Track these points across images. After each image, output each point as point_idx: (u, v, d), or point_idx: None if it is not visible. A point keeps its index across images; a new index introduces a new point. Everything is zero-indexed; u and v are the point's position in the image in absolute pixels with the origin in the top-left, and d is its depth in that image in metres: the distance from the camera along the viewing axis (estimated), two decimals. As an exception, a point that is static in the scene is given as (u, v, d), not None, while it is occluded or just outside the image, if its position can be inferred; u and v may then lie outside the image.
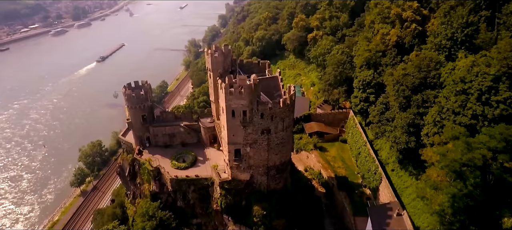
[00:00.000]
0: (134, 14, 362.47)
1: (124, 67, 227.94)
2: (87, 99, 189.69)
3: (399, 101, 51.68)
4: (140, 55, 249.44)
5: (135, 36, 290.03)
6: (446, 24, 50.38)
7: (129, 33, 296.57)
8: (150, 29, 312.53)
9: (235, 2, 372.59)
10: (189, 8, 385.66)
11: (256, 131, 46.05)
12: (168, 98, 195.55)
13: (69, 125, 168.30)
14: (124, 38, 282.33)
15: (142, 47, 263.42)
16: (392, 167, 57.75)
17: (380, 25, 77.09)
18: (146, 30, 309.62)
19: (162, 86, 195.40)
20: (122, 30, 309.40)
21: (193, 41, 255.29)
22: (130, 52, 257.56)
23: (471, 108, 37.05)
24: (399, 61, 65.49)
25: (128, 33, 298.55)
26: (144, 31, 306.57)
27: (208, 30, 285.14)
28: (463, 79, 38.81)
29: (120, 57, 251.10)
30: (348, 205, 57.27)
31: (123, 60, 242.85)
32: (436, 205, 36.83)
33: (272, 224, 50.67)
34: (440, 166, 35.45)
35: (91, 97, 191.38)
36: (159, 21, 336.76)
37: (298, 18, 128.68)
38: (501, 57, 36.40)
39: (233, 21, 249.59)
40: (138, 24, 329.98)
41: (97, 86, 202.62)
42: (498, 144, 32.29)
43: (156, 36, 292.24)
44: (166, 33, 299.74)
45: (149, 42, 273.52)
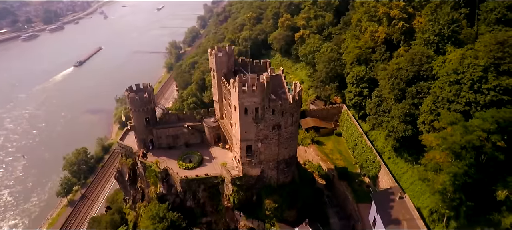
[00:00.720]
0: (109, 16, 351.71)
1: (103, 71, 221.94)
2: (67, 106, 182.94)
3: (394, 94, 55.79)
4: (119, 58, 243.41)
5: (112, 39, 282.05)
6: (434, 21, 55.11)
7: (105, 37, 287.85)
8: (127, 31, 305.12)
9: (213, 3, 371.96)
10: (166, 9, 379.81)
11: (268, 126, 48.20)
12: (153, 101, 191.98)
13: (50, 134, 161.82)
14: (100, 41, 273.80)
15: (121, 51, 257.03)
16: (388, 155, 61.95)
17: (367, 23, 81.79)
18: (123, 32, 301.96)
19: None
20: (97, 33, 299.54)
21: (173, 43, 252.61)
22: (108, 56, 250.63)
23: (464, 97, 41.42)
24: (388, 57, 70.21)
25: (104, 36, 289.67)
26: (121, 33, 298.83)
27: (188, 32, 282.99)
28: (455, 71, 43.18)
29: (98, 61, 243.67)
30: (350, 193, 60.76)
31: (102, 64, 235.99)
32: (438, 184, 40.76)
33: (283, 216, 53.08)
34: (441, 148, 39.40)
35: (71, 104, 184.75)
36: (136, 23, 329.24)
37: (284, 18, 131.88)
38: (487, 50, 41.02)
39: (214, 22, 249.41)
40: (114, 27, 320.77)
41: (76, 92, 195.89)
42: (491, 126, 36.60)
43: (134, 38, 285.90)
44: (145, 36, 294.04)
45: (127, 45, 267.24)
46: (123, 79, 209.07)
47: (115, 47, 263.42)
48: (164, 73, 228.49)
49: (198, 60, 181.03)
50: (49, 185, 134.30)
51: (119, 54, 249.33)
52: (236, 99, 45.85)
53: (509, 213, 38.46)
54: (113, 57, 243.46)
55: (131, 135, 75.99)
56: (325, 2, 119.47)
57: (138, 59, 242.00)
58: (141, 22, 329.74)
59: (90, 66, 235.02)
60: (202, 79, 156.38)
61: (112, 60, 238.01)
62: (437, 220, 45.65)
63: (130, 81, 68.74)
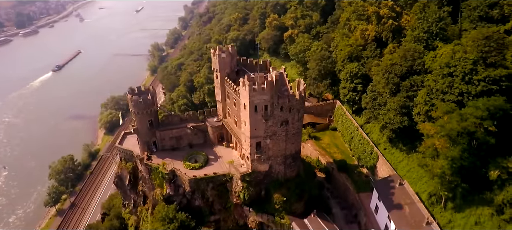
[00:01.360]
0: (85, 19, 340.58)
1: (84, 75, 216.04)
2: (47, 113, 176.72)
3: (389, 88, 59.49)
4: (99, 62, 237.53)
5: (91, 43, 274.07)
6: (422, 19, 59.34)
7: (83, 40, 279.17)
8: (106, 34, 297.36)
9: (194, 3, 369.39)
10: (145, 11, 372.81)
11: (276, 123, 50.22)
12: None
13: (31, 142, 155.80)
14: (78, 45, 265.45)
15: (100, 54, 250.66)
16: (384, 146, 65.74)
17: (356, 22, 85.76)
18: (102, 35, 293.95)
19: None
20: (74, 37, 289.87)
21: (156, 45, 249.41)
22: (88, 60, 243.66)
23: (457, 88, 45.38)
24: (379, 54, 74.27)
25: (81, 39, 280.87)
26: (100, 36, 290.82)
27: (170, 33, 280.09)
28: (448, 64, 47.13)
29: (78, 66, 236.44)
30: (351, 184, 63.97)
31: (82, 68, 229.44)
32: (437, 169, 44.45)
33: (292, 209, 55.32)
34: (440, 135, 43.07)
35: (52, 110, 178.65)
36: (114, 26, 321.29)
37: (271, 18, 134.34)
38: (475, 45, 45.20)
39: (197, 23, 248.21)
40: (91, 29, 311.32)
41: (57, 98, 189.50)
42: (483, 113, 40.58)
43: (113, 41, 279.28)
44: (125, 38, 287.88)
45: (107, 48, 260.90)
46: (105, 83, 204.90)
47: (94, 50, 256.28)
48: (147, 76, 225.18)
49: (185, 62, 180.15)
50: (35, 195, 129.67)
51: (99, 57, 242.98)
52: (246, 97, 47.48)
53: (500, 191, 42.66)
54: (93, 61, 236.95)
55: (129, 139, 75.67)
56: (312, 2, 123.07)
57: (119, 62, 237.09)
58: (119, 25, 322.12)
59: (69, 70, 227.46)
60: (190, 80, 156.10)
61: (92, 64, 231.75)
62: (435, 202, 49.55)
63: (112, 85, 67.96)
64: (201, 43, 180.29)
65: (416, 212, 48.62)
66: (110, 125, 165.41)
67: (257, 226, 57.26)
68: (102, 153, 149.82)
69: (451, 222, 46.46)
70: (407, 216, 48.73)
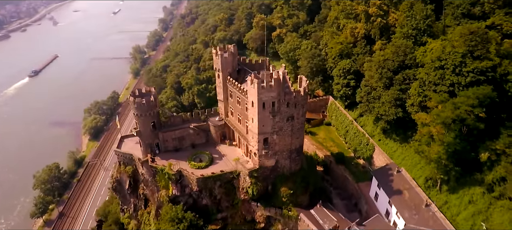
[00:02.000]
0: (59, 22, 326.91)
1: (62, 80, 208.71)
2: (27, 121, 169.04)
3: (383, 82, 63.24)
4: (78, 66, 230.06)
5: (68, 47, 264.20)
6: (410, 17, 63.54)
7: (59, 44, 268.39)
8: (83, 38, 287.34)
9: (173, 4, 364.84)
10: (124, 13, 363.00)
11: (283, 118, 52.21)
12: (122, 109, 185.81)
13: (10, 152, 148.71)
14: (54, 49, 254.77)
15: (79, 58, 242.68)
16: (378, 137, 69.57)
17: (345, 20, 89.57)
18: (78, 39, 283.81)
19: (113, 97, 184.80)
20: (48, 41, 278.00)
21: (137, 48, 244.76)
22: (66, 64, 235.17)
23: (448, 79, 49.44)
24: (369, 50, 78.24)
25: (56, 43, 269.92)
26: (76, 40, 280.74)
27: (151, 35, 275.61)
28: (439, 58, 51.19)
29: (55, 70, 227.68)
30: (349, 175, 67.27)
31: (60, 73, 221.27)
32: (433, 154, 48.32)
33: (298, 201, 57.55)
34: (435, 123, 46.88)
35: (31, 118, 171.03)
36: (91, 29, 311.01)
37: (258, 18, 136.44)
38: (463, 40, 49.44)
39: (179, 24, 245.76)
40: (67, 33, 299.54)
41: (36, 105, 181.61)
42: (473, 101, 44.68)
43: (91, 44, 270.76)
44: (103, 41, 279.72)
45: (85, 52, 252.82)
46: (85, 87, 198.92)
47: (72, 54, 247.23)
48: (130, 79, 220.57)
49: (170, 64, 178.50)
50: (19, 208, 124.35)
51: (78, 62, 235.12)
52: (255, 95, 49.08)
53: (489, 171, 47.11)
54: (71, 66, 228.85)
55: (127, 142, 75.09)
56: (298, 2, 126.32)
57: (99, 66, 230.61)
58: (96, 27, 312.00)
59: (46, 76, 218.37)
60: (177, 82, 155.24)
61: (71, 69, 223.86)
62: (431, 186, 53.60)
63: (94, 89, 66.16)
64: (186, 44, 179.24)
65: (415, 196, 52.39)
66: (94, 131, 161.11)
67: (265, 220, 59.02)
68: (88, 160, 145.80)
69: (447, 203, 50.55)
70: (407, 200, 52.42)
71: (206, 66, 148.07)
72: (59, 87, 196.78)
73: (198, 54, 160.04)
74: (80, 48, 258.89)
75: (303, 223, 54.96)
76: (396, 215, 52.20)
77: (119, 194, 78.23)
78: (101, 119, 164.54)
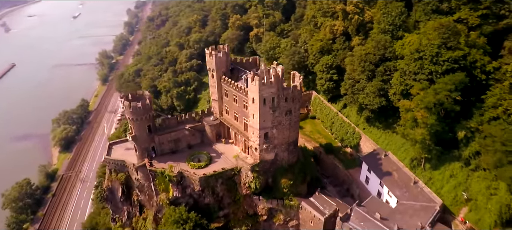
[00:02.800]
0: (12, 29, 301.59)
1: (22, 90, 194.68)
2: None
3: (365, 74, 68.32)
4: (38, 74, 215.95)
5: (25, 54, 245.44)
6: (387, 13, 69.32)
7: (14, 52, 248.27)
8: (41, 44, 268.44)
9: (138, 7, 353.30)
10: (84, 17, 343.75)
11: (282, 113, 54.71)
12: (93, 117, 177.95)
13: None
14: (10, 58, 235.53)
15: (39, 66, 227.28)
16: (363, 126, 74.82)
17: (323, 19, 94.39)
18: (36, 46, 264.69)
19: (82, 106, 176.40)
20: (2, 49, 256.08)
21: (104, 53, 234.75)
22: (24, 73, 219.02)
23: (427, 68, 55.21)
24: (348, 46, 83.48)
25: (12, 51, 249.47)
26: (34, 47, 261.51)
27: (117, 39, 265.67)
28: (417, 50, 56.89)
29: (13, 80, 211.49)
30: (339, 163, 71.66)
31: (18, 83, 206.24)
32: (418, 136, 53.78)
33: (297, 191, 60.44)
34: (419, 107, 52.27)
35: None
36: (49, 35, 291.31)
37: (234, 18, 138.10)
38: (437, 33, 55.44)
39: (147, 27, 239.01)
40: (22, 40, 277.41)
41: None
42: (451, 86, 50.58)
43: (52, 51, 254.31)
44: (65, 47, 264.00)
45: (46, 59, 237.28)
46: (50, 97, 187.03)
47: (31, 62, 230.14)
48: (98, 86, 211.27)
49: (143, 68, 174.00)
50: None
51: (38, 70, 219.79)
52: (256, 92, 51.01)
53: (466, 147, 53.51)
54: (31, 74, 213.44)
55: (116, 149, 73.24)
56: (273, 2, 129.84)
57: (63, 73, 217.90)
58: (56, 33, 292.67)
59: (3, 86, 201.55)
60: (152, 86, 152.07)
61: (31, 78, 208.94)
62: (416, 165, 59.33)
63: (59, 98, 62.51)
64: (159, 47, 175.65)
65: (403, 176, 57.74)
66: (65, 141, 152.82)
67: (267, 213, 61.19)
68: (62, 172, 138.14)
69: (431, 179, 56.45)
70: (397, 180, 57.60)
71: (183, 69, 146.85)
72: (19, 98, 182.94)
73: (173, 56, 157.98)
74: (39, 55, 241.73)
75: (304, 210, 58.00)
76: (388, 194, 57.14)
77: (110, 203, 75.72)
78: (71, 128, 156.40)
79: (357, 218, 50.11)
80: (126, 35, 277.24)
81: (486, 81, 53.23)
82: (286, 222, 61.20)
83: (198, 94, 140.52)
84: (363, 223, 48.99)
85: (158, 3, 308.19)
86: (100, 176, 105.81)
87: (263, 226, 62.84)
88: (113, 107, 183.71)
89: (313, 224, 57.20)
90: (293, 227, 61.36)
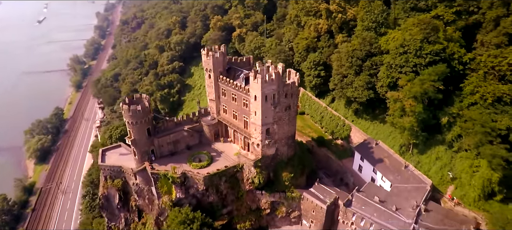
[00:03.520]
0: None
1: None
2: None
3: (353, 69, 72.51)
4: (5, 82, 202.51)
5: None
6: (370, 12, 74.03)
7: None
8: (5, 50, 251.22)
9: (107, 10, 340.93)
10: (50, 21, 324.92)
11: (282, 108, 57.01)
12: (69, 126, 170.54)
13: None
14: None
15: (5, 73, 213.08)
16: (351, 118, 79.13)
17: (306, 18, 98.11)
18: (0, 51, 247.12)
19: (57, 114, 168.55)
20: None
21: (75, 58, 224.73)
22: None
23: (412, 61, 60.10)
24: (332, 44, 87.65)
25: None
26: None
27: (88, 44, 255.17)
28: (402, 45, 61.69)
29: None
30: (332, 154, 75.45)
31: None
32: (407, 123, 58.46)
33: (297, 183, 63.18)
34: (407, 97, 56.89)
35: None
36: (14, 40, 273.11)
37: (216, 19, 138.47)
38: (419, 29, 60.54)
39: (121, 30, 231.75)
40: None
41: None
42: (434, 77, 55.62)
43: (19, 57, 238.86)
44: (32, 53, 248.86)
45: (10, 67, 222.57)
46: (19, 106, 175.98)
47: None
48: (72, 93, 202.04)
49: (121, 72, 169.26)
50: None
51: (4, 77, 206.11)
52: (258, 89, 52.85)
53: (448, 131, 59.03)
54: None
55: (110, 155, 72.27)
56: (254, 2, 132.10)
57: (32, 81, 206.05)
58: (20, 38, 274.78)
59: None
60: (133, 90, 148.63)
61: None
62: (405, 151, 64.27)
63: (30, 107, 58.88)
64: (137, 50, 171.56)
65: (395, 161, 62.33)
66: (41, 153, 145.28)
67: (270, 206, 63.29)
68: (40, 185, 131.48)
69: (419, 163, 61.51)
70: (389, 166, 62.04)
71: (165, 71, 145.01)
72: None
73: (153, 59, 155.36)
74: (4, 62, 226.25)
75: (306, 201, 60.78)
76: (382, 179, 61.43)
77: (106, 211, 74.05)
78: (47, 139, 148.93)
79: (358, 202, 53.65)
80: (97, 39, 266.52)
81: (463, 71, 59.05)
82: (288, 213, 63.68)
83: (182, 97, 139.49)
84: (364, 207, 52.61)
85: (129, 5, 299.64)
86: (86, 185, 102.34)
87: (266, 220, 64.91)
88: (90, 114, 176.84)
89: (315, 213, 60.14)
90: (295, 218, 64.00)
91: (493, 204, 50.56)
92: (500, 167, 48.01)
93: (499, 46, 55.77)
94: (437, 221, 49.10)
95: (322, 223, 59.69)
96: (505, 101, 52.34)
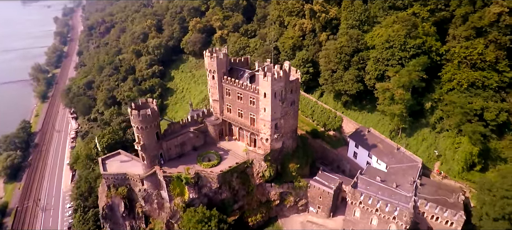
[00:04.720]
0: None
1: None
2: None
3: (342, 65, 78.64)
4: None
5: None
6: (353, 11, 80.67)
7: None
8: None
9: (66, 15, 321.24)
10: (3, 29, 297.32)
11: (288, 104, 60.87)
12: (39, 139, 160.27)
13: None
14: None
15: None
16: (341, 110, 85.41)
17: (289, 18, 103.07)
18: None
19: (24, 128, 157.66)
20: None
21: (37, 67, 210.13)
22: None
23: (397, 55, 67.26)
24: (317, 42, 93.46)
25: None
26: None
27: (50, 51, 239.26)
28: (388, 40, 68.69)
29: None
30: (327, 145, 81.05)
31: None
32: (397, 110, 65.47)
33: (303, 173, 67.56)
34: (397, 86, 63.77)
35: None
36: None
37: (195, 22, 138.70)
38: (402, 25, 67.90)
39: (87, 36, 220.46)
40: None
41: None
42: (418, 68, 63.08)
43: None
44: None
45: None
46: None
47: None
48: (38, 104, 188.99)
49: (96, 79, 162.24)
50: None
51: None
52: (268, 87, 56.08)
53: (431, 115, 67.08)
54: None
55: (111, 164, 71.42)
56: (232, 3, 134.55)
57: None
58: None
59: None
60: (111, 97, 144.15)
61: None
62: (395, 135, 71.46)
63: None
64: (110, 56, 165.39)
65: (387, 146, 69.18)
66: (11, 170, 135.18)
67: (279, 197, 66.93)
68: (15, 205, 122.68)
69: (408, 145, 68.95)
70: (382, 150, 68.73)
71: (145, 76, 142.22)
72: None
73: (129, 64, 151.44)
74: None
75: (313, 188, 65.35)
76: (377, 163, 67.91)
77: (110, 222, 72.47)
78: (16, 154, 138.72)
79: (363, 183, 59.28)
80: (59, 45, 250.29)
81: (440, 62, 67.38)
82: (296, 202, 67.80)
83: (164, 101, 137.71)
84: (369, 187, 58.34)
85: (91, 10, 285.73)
86: (75, 198, 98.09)
87: (276, 210, 68.47)
88: (62, 125, 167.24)
89: (322, 198, 64.95)
90: (303, 206, 68.34)
91: (474, 174, 58.89)
92: (479, 141, 56.36)
93: (468, 39, 64.63)
94: (432, 192, 56.23)
95: (329, 207, 64.72)
96: (477, 86, 61.16)
